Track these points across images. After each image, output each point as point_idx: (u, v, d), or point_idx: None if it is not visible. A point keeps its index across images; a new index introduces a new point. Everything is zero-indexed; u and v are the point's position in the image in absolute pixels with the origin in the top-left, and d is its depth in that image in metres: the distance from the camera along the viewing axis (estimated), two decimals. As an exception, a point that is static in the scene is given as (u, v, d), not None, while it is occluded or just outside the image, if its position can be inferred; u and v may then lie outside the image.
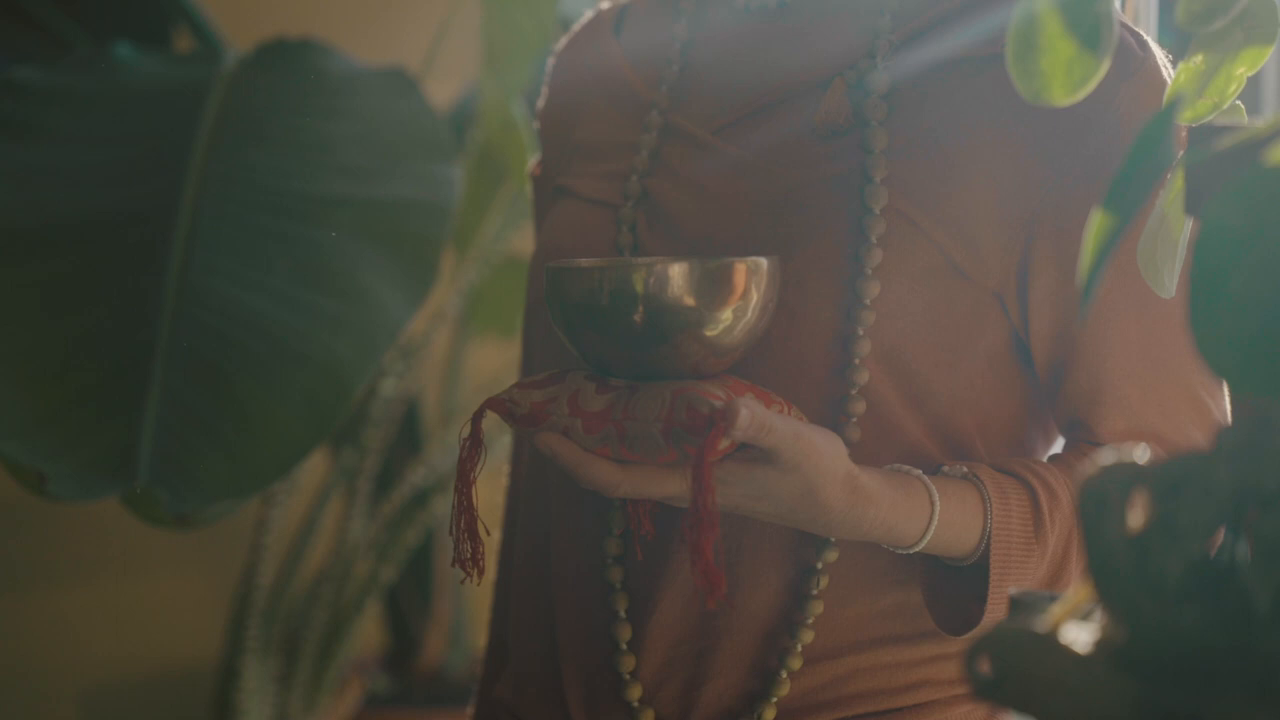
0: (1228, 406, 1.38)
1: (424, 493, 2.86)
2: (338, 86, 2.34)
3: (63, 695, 3.42)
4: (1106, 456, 0.86)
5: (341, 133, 2.25)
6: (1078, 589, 0.92)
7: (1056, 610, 0.91)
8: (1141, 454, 0.86)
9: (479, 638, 3.38)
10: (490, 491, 1.45)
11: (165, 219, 2.05)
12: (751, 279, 1.24)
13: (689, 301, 1.22)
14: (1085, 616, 0.91)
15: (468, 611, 3.35)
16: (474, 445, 1.29)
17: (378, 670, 3.31)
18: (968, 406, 1.35)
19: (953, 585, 1.34)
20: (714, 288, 1.23)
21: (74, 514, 3.11)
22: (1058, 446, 1.41)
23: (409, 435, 3.10)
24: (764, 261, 1.25)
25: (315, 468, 2.92)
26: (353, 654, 3.00)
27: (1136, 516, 0.86)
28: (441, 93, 2.73)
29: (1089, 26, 1.09)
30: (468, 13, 2.53)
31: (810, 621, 1.34)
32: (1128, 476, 0.87)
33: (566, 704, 1.41)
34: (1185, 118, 1.22)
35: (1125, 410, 1.34)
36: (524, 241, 3.04)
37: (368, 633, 3.29)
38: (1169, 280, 1.17)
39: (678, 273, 1.22)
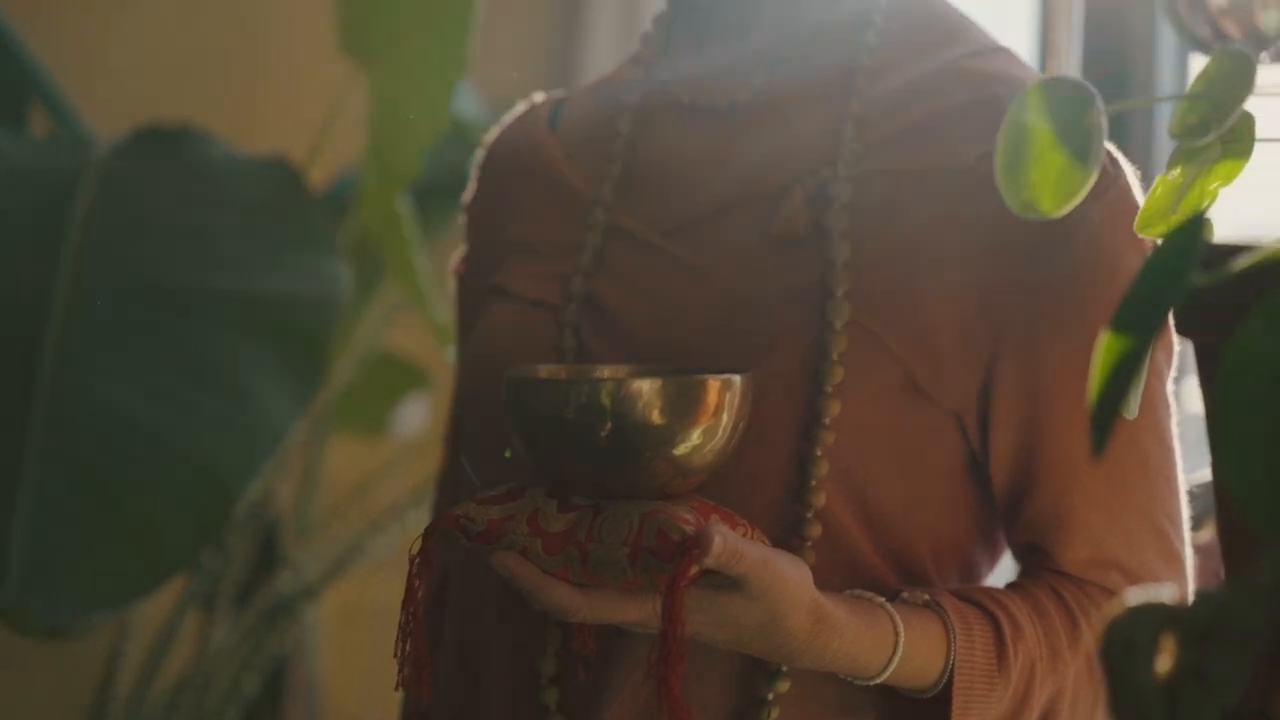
0: (1187, 537, 1.33)
1: (287, 600, 2.75)
2: (218, 175, 2.25)
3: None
4: (1133, 597, 0.81)
5: (222, 223, 2.16)
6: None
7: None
8: (1169, 595, 0.81)
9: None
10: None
11: (38, 311, 1.96)
12: (725, 397, 1.18)
13: (659, 419, 1.16)
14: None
15: (323, 720, 3.23)
16: (424, 565, 1.21)
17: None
18: (921, 527, 1.29)
19: (910, 717, 1.28)
20: (686, 405, 1.17)
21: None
22: (1012, 572, 1.35)
23: (266, 541, 2.99)
24: (738, 379, 1.19)
25: (174, 571, 2.79)
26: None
27: (1164, 662, 0.81)
28: (325, 180, 2.65)
29: (1080, 139, 1.06)
30: (355, 102, 2.44)
31: None
32: (1156, 620, 0.82)
33: None
34: (1155, 231, 1.18)
35: (1089, 538, 1.29)
36: (397, 338, 2.95)
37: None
38: (1133, 400, 1.14)
39: (649, 389, 1.16)
